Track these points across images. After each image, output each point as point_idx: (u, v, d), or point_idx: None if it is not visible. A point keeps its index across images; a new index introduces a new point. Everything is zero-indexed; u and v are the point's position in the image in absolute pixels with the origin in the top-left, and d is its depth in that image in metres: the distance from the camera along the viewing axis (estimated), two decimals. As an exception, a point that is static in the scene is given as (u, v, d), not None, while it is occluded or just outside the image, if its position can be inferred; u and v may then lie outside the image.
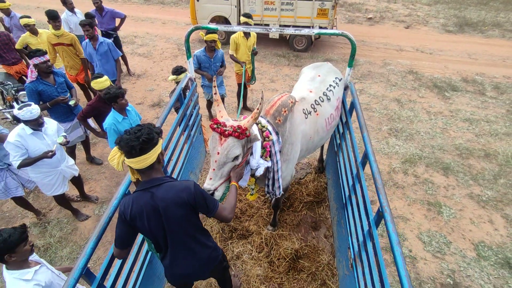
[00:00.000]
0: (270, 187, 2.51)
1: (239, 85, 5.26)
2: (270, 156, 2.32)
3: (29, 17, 5.00)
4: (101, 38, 4.81)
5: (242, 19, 4.84)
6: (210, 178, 2.01)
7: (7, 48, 5.05)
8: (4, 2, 5.50)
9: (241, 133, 1.94)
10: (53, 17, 4.61)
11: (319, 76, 3.05)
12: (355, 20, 9.68)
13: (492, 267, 3.36)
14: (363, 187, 2.28)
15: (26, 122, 2.99)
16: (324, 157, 4.14)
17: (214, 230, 3.25)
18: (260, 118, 2.35)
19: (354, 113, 2.90)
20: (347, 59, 7.66)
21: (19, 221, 3.89)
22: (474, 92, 6.45)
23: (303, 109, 2.72)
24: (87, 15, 5.57)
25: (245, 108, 5.79)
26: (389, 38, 8.66)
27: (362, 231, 2.18)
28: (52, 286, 2.12)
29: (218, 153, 1.98)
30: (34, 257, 2.16)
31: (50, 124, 3.30)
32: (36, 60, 3.54)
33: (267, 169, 2.37)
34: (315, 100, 2.83)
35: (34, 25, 5.01)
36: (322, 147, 3.89)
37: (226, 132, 1.95)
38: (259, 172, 2.27)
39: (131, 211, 1.66)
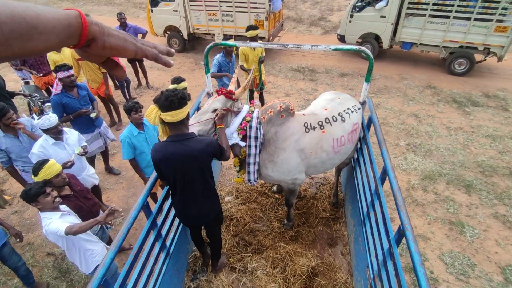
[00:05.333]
0: (246, 170, 2.80)
1: (250, 90, 5.60)
2: (244, 138, 2.61)
3: None
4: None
5: (250, 33, 4.87)
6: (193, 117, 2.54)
7: (41, 60, 5.54)
8: None
9: (228, 93, 2.50)
10: None
11: (339, 99, 3.00)
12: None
13: (521, 293, 3.16)
14: (382, 204, 2.22)
15: (46, 131, 3.12)
16: (340, 188, 3.94)
17: (228, 244, 3.23)
18: (256, 108, 2.73)
19: (372, 128, 2.86)
20: (361, 73, 7.62)
21: (40, 228, 3.99)
22: (496, 108, 6.26)
23: (305, 123, 2.68)
24: None
25: None
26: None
27: (382, 250, 2.10)
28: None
29: (208, 104, 2.53)
30: (69, 213, 2.67)
31: (72, 134, 3.42)
32: (61, 75, 3.72)
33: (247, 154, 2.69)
34: (326, 118, 2.75)
35: None
36: (337, 181, 3.66)
37: (220, 92, 2.54)
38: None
39: (158, 156, 2.15)
